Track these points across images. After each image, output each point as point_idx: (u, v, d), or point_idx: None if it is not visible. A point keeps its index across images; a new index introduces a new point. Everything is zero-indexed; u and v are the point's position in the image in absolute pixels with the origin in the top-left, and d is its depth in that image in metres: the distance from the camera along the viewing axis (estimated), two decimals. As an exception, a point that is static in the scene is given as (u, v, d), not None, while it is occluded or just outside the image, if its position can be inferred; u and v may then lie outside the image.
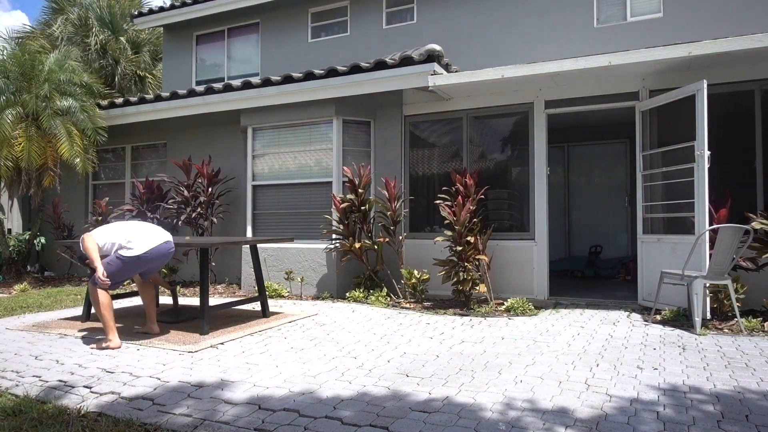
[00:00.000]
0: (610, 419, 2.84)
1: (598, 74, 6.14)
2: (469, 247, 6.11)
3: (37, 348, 4.48)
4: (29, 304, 6.65)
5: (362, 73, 6.87)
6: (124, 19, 14.41)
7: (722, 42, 5.35)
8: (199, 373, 3.73)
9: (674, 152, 5.73)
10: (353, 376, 3.64)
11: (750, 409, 2.98)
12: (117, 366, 3.90)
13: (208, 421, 2.87)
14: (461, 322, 5.43)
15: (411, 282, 6.61)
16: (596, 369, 3.74)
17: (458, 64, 7.44)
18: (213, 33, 10.72)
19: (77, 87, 8.91)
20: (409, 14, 8.97)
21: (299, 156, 7.67)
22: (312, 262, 7.32)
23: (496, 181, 6.99)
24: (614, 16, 7.74)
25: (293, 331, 5.11)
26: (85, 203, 10.08)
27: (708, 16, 7.14)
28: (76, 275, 9.71)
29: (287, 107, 7.55)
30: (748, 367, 3.77)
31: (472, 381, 3.48)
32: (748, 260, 5.37)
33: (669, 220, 6.00)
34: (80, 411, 3.00)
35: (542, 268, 6.60)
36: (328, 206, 7.31)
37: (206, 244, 5.13)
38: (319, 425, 2.80)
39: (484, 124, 7.16)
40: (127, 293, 6.48)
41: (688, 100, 5.45)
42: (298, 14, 9.81)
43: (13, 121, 8.25)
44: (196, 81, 10.76)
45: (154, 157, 9.59)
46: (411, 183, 7.46)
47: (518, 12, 8.19)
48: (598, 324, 5.26)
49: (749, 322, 4.95)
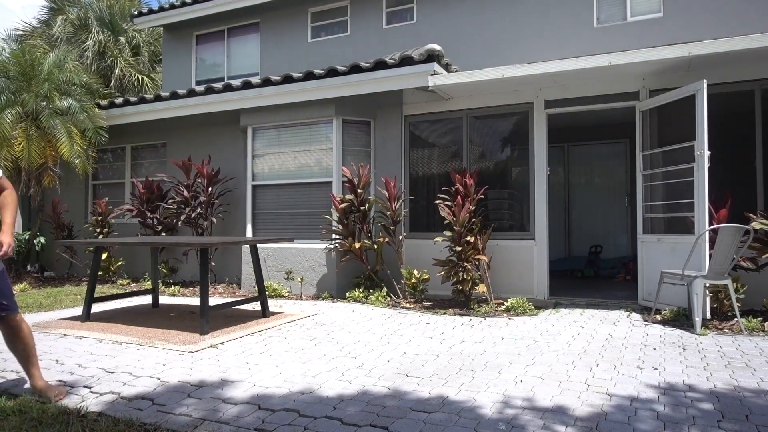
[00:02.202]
0: (610, 419, 2.83)
1: (598, 74, 6.14)
2: (468, 247, 6.11)
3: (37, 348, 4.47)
4: (29, 304, 6.65)
5: (362, 73, 6.87)
6: (124, 19, 14.42)
7: (722, 42, 5.35)
8: (199, 372, 3.73)
9: (674, 152, 5.73)
10: (353, 375, 3.63)
11: (750, 408, 2.98)
12: (117, 366, 3.90)
13: (208, 421, 2.86)
14: (461, 322, 5.43)
15: (411, 282, 6.61)
16: (596, 369, 3.74)
17: (458, 64, 7.44)
18: (213, 33, 10.72)
19: (77, 87, 8.92)
20: (409, 14, 8.97)
21: (299, 156, 7.67)
22: (312, 262, 7.32)
23: (496, 181, 6.98)
24: (614, 16, 7.74)
25: (293, 331, 5.11)
26: (84, 203, 10.08)
27: (708, 16, 7.14)
28: (76, 275, 9.71)
29: (287, 107, 7.55)
30: (748, 367, 3.77)
31: (472, 381, 3.48)
32: (748, 260, 5.37)
33: (669, 220, 6.00)
34: (80, 411, 3.00)
35: (542, 268, 6.59)
36: (327, 206, 7.31)
37: (206, 244, 5.12)
38: (319, 425, 2.80)
39: (484, 124, 7.16)
40: (127, 293, 6.48)
41: (688, 100, 5.45)
42: (298, 14, 9.81)
43: (13, 121, 8.25)
44: (196, 81, 10.76)
45: (154, 157, 9.58)
46: (411, 183, 7.46)
47: (518, 12, 8.19)
48: (598, 324, 5.26)
49: (749, 322, 4.95)
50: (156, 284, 6.50)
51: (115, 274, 8.88)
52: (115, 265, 8.85)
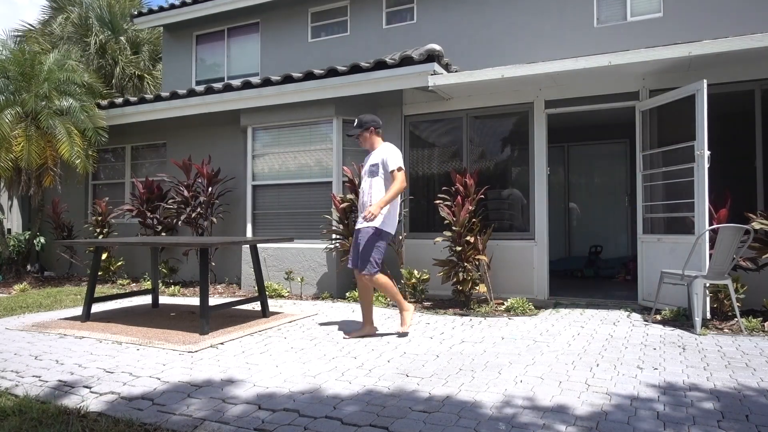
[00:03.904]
0: (611, 418, 2.83)
1: (598, 74, 6.14)
2: (468, 247, 6.11)
3: (36, 348, 4.48)
4: (29, 304, 6.65)
5: (362, 73, 6.86)
6: (124, 19, 14.41)
7: (722, 42, 5.35)
8: (199, 373, 3.73)
9: (674, 152, 5.73)
10: (353, 375, 3.63)
11: (750, 408, 2.97)
12: (117, 366, 3.90)
13: (208, 421, 2.86)
14: (461, 322, 5.43)
15: (411, 282, 6.61)
16: (596, 369, 3.74)
17: (458, 64, 7.44)
18: (213, 33, 10.72)
19: (77, 87, 8.91)
20: (409, 14, 8.97)
21: (299, 156, 7.67)
22: (312, 262, 7.32)
23: (496, 181, 6.98)
24: (614, 15, 7.75)
25: (293, 331, 5.11)
26: (84, 203, 10.08)
27: (708, 16, 7.14)
28: (76, 275, 9.71)
29: (287, 107, 7.55)
30: (748, 366, 3.77)
31: (472, 381, 3.48)
32: (748, 260, 5.37)
33: (669, 220, 6.00)
34: (80, 411, 3.00)
35: (542, 268, 6.59)
36: (328, 206, 7.31)
37: (206, 244, 5.12)
38: (319, 425, 2.79)
39: (484, 124, 7.16)
40: (127, 293, 6.48)
41: (688, 100, 5.45)
42: (298, 14, 9.82)
43: (13, 121, 8.24)
44: (196, 81, 10.77)
45: (154, 157, 9.59)
46: (411, 183, 7.46)
47: (518, 12, 8.19)
48: (598, 324, 5.26)
49: (749, 322, 4.95)
50: (156, 284, 6.51)
51: (115, 274, 8.88)
52: (115, 265, 8.85)
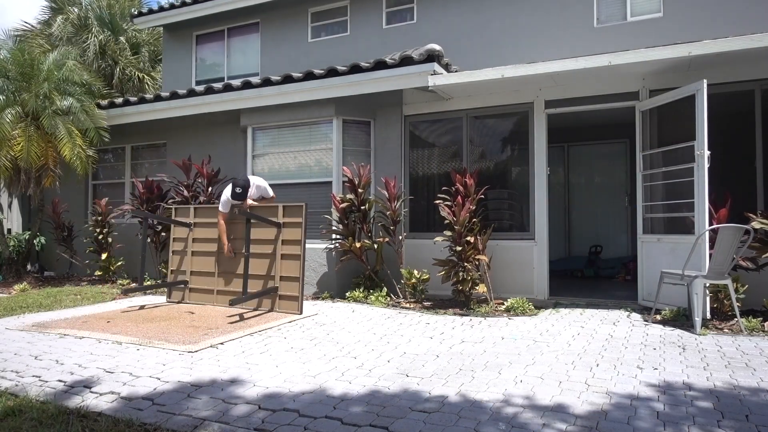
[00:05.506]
0: (610, 417, 2.84)
1: (598, 74, 6.14)
2: (468, 247, 6.10)
3: (36, 348, 4.48)
4: (29, 304, 6.64)
5: (362, 73, 6.86)
6: (124, 19, 14.41)
7: (722, 42, 5.35)
8: (199, 373, 3.73)
9: (674, 152, 5.73)
10: (353, 376, 3.63)
11: (750, 408, 2.98)
12: (117, 366, 3.89)
13: (207, 421, 2.86)
14: (461, 322, 5.43)
15: (411, 282, 6.60)
16: (596, 369, 3.74)
17: (458, 64, 7.43)
18: (213, 33, 10.72)
19: (77, 86, 8.90)
20: (409, 14, 8.97)
21: (299, 156, 7.67)
22: (312, 262, 7.31)
23: (496, 181, 6.98)
24: (614, 15, 7.74)
25: (293, 331, 5.11)
26: (84, 203, 10.08)
27: (708, 16, 7.14)
28: (76, 275, 9.70)
29: (287, 107, 7.55)
30: (748, 366, 3.77)
31: (473, 381, 3.48)
32: (748, 260, 5.37)
33: (669, 220, 6.00)
34: (80, 411, 3.00)
35: (542, 268, 6.59)
36: (327, 206, 7.31)
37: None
38: (319, 425, 2.80)
39: (484, 124, 7.16)
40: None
41: (688, 100, 5.45)
42: (298, 14, 9.81)
43: (13, 121, 8.23)
44: (196, 81, 10.76)
45: (154, 157, 9.58)
46: (411, 183, 7.46)
47: (518, 12, 8.19)
48: (598, 324, 5.26)
49: (749, 322, 4.95)
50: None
51: (115, 274, 8.88)
52: (115, 265, 8.85)
